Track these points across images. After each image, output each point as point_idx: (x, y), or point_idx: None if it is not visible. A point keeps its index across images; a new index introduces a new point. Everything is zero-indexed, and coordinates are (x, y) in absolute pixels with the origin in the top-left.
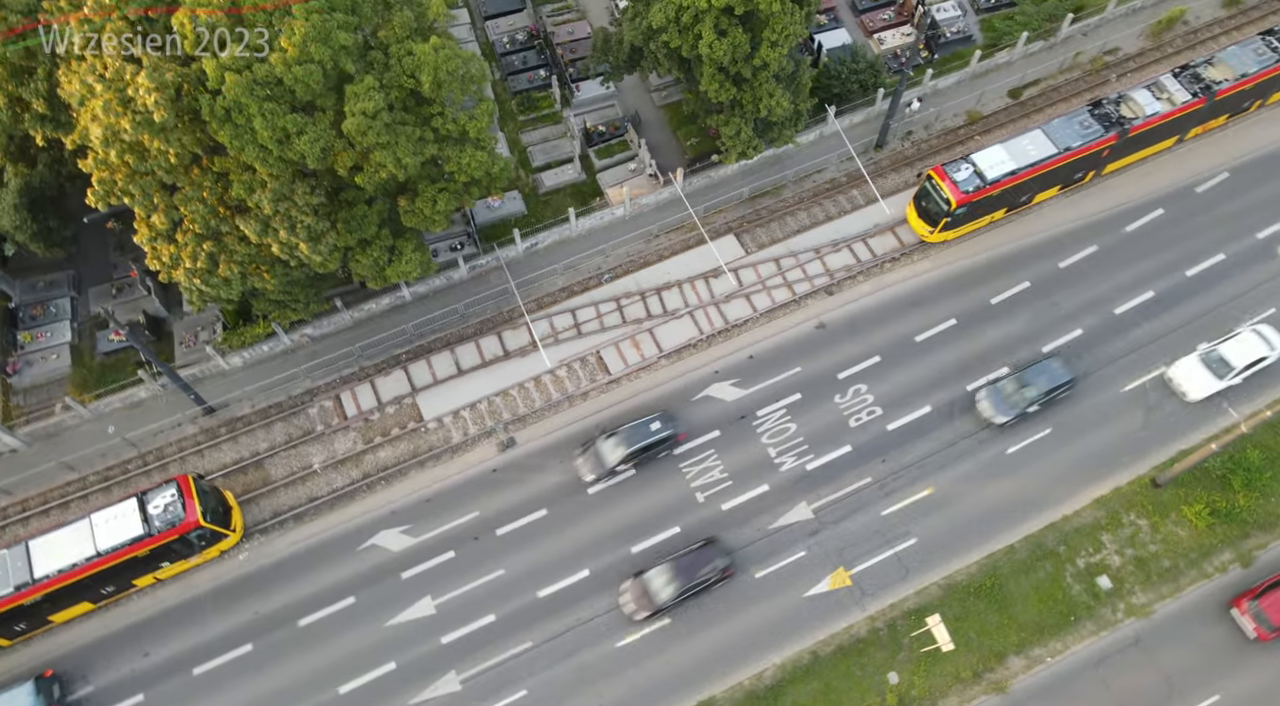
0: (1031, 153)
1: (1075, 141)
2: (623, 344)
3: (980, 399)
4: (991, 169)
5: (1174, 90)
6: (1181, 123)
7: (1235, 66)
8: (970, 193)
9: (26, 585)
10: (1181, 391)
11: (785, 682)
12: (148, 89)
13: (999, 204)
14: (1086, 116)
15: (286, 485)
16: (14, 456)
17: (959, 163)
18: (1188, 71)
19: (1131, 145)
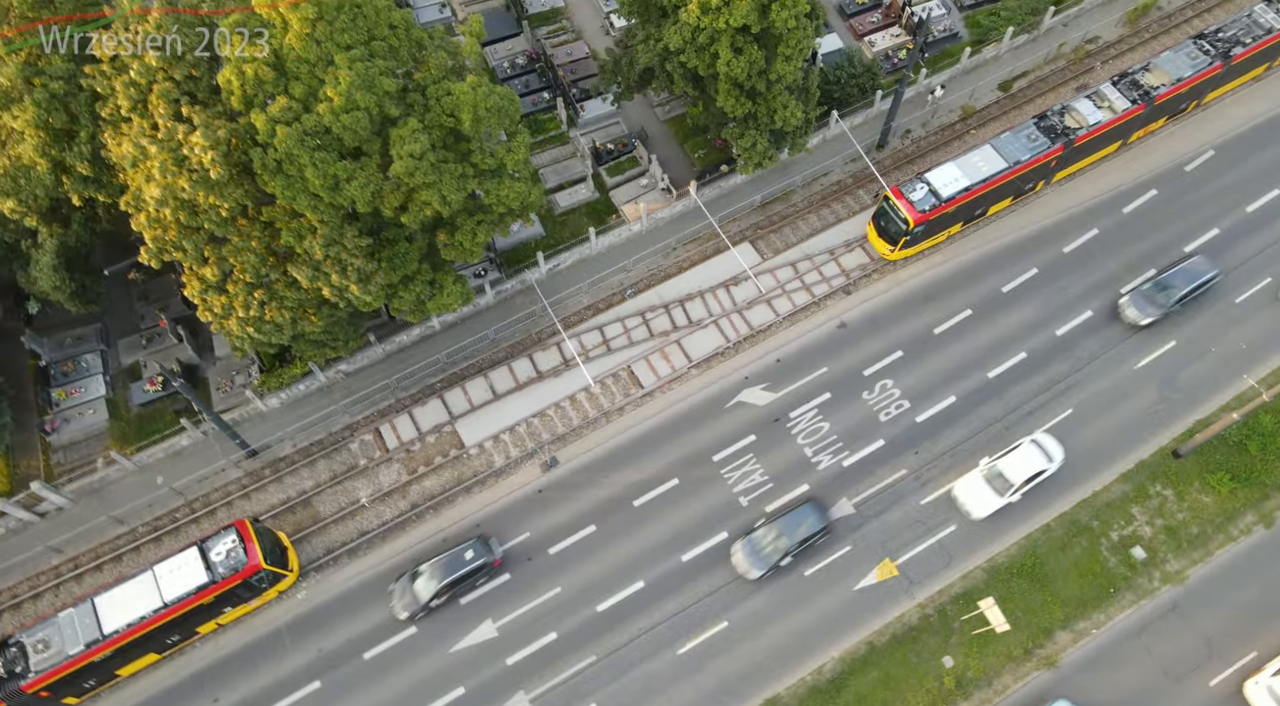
0: (983, 169)
1: (1024, 155)
2: (652, 357)
3: None
4: (945, 187)
5: (1114, 98)
6: (1123, 129)
7: (1171, 71)
8: (927, 211)
9: (97, 642)
10: (965, 510)
11: (845, 674)
12: (203, 148)
13: (955, 219)
14: (1033, 129)
15: (336, 521)
16: (61, 514)
17: (914, 182)
18: (1126, 79)
19: (1077, 154)
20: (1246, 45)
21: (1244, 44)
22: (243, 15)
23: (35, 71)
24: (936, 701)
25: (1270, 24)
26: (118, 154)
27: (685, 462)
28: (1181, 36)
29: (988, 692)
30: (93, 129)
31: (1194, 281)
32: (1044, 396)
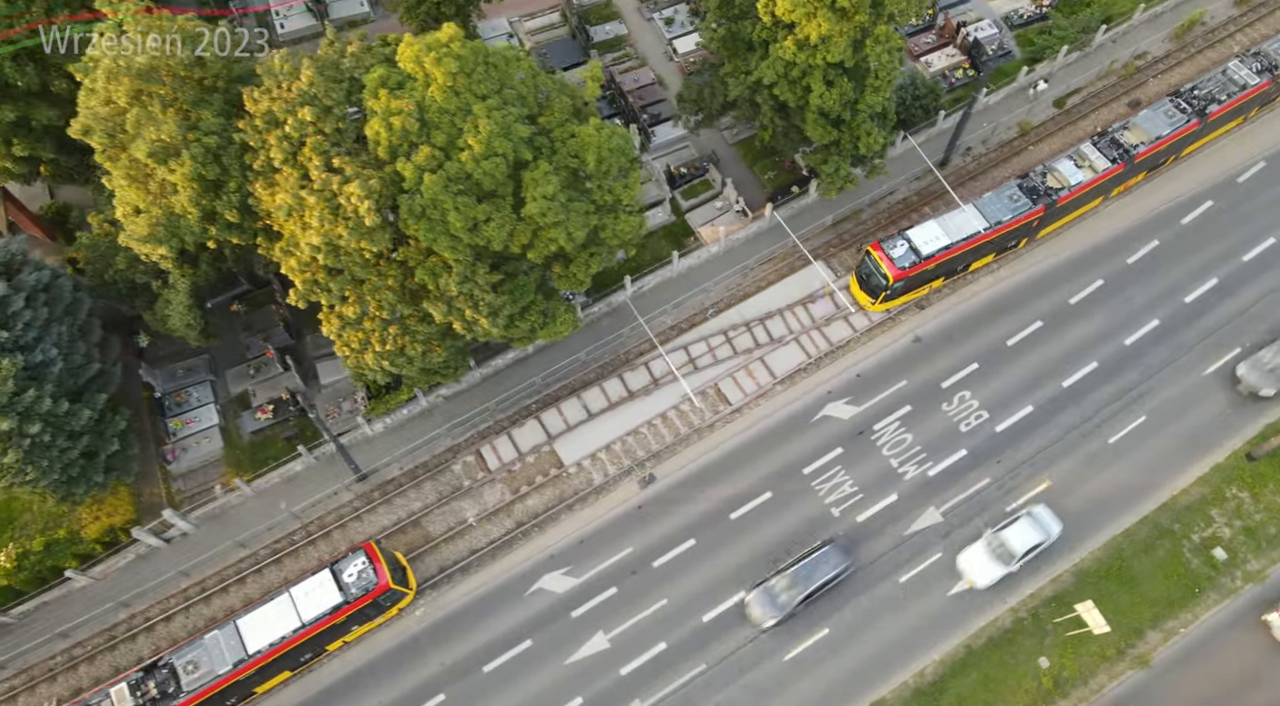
0: (964, 228)
1: (1005, 215)
2: (738, 374)
3: None
4: (926, 245)
5: (1094, 158)
6: (1104, 187)
7: (1150, 129)
8: (906, 268)
9: (243, 661)
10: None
11: (946, 677)
12: (359, 197)
13: (936, 275)
14: (1016, 190)
15: (446, 540)
16: (185, 539)
17: (896, 239)
18: (1106, 137)
19: (1059, 213)
20: (1222, 102)
21: (1219, 101)
22: (386, 70)
23: (191, 126)
24: (1036, 701)
25: (1244, 80)
26: (271, 204)
27: (777, 476)
28: (1226, 52)
29: (1084, 691)
30: (241, 180)
31: None
32: (1117, 404)
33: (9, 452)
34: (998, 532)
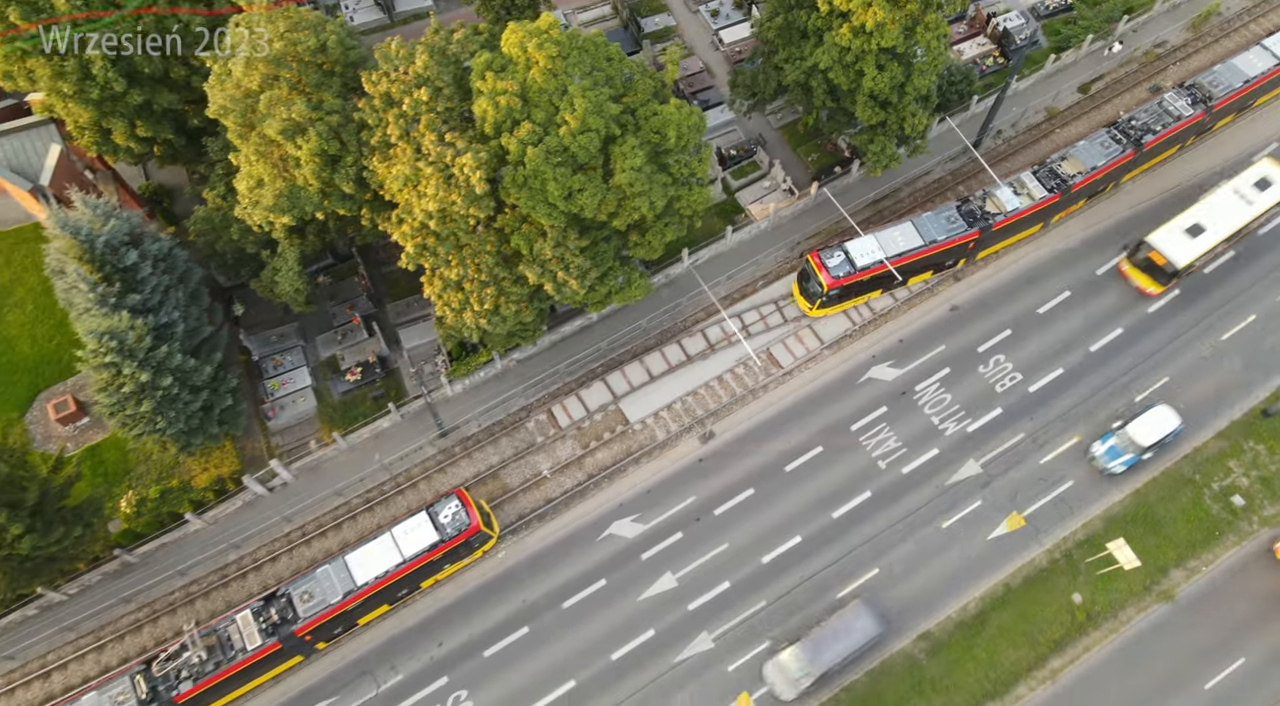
0: (900, 244)
1: (940, 235)
2: (788, 340)
3: None
4: (861, 257)
5: (1033, 186)
6: (1043, 214)
7: (1086, 160)
8: (841, 278)
9: (351, 592)
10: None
11: (987, 611)
12: (471, 167)
13: (871, 287)
14: (954, 212)
15: (523, 491)
16: (286, 489)
17: (834, 250)
18: (1045, 168)
19: (996, 237)
20: (1157, 132)
21: (1155, 131)
22: (490, 55)
23: (314, 106)
24: (1069, 631)
25: (1179, 112)
26: (387, 175)
27: (827, 432)
28: (1242, 40)
29: (1114, 623)
30: (357, 155)
31: None
32: (1142, 367)
33: (144, 403)
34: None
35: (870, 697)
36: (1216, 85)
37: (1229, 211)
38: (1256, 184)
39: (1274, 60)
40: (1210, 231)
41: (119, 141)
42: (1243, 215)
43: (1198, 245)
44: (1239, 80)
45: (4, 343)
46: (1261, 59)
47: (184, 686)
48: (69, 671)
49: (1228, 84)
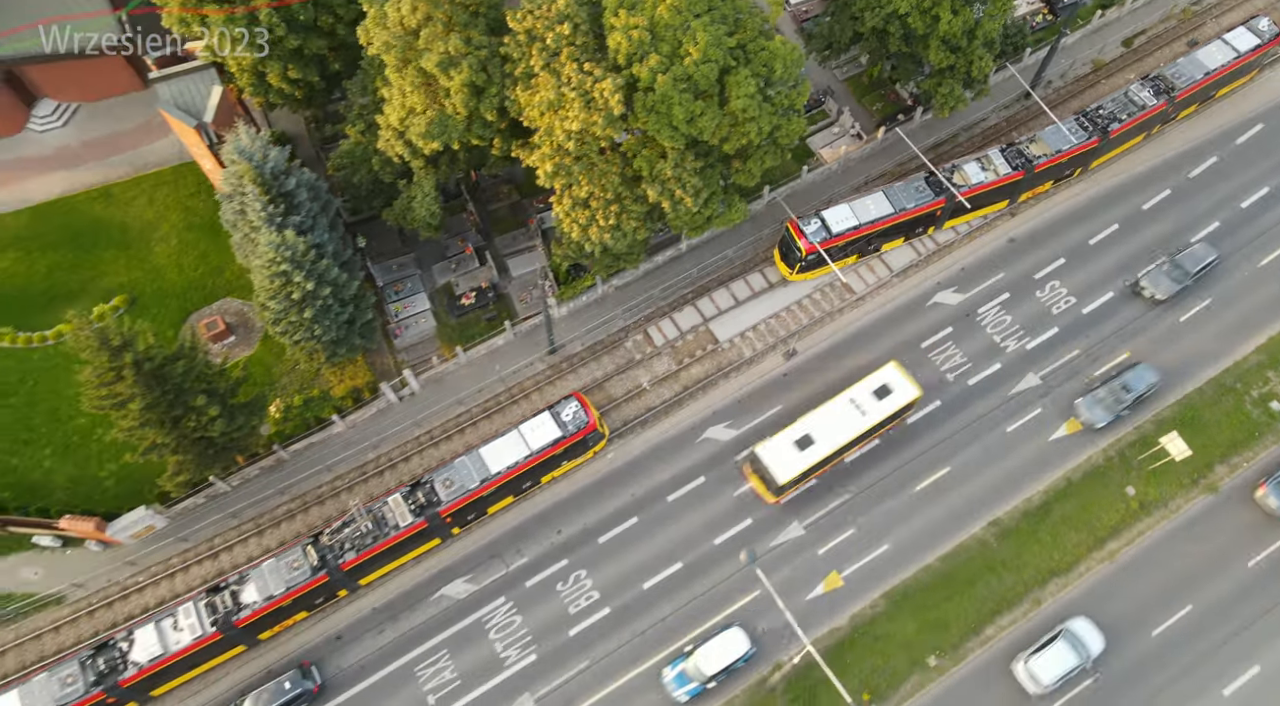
0: (872, 211)
1: (910, 203)
2: (860, 269)
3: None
4: (837, 224)
5: (999, 163)
6: (1008, 190)
7: (1052, 144)
8: (818, 243)
9: (487, 479)
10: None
11: (1050, 502)
12: (611, 92)
13: (847, 252)
14: (922, 183)
15: (626, 401)
16: (414, 398)
17: (811, 218)
18: (1013, 147)
19: (962, 208)
20: (1122, 121)
21: (1120, 120)
22: None
23: (467, 40)
24: (1124, 518)
25: (1144, 102)
26: (530, 102)
27: (899, 349)
28: None
29: (1164, 511)
30: (500, 85)
31: None
32: (1186, 292)
33: (306, 310)
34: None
35: (948, 575)
36: (1179, 77)
37: (841, 423)
38: (876, 392)
39: (1234, 53)
40: (820, 444)
41: (273, 82)
42: (855, 426)
43: (804, 459)
44: (1200, 72)
45: (154, 272)
46: (1222, 52)
47: (348, 556)
48: (234, 552)
49: (1189, 76)
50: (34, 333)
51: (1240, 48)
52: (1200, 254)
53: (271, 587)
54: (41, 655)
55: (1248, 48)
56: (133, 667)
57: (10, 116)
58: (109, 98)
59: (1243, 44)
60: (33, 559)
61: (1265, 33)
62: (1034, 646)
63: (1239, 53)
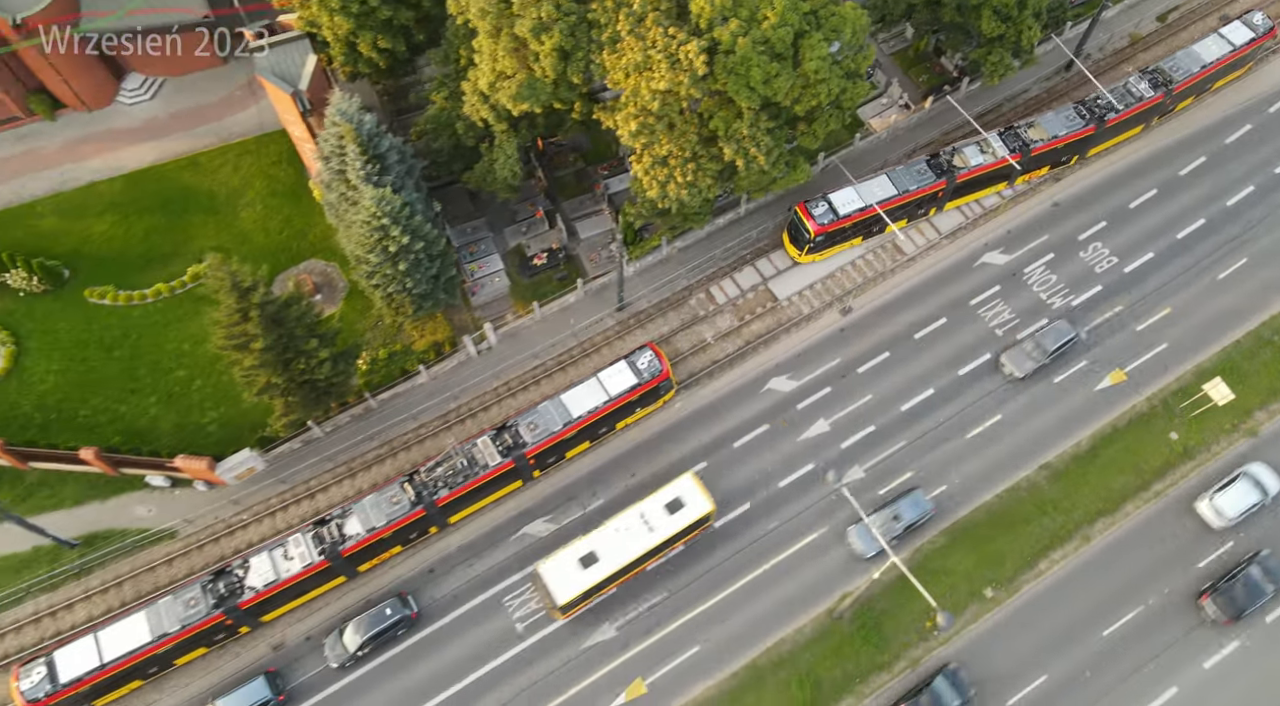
0: (877, 193)
1: (912, 185)
2: (910, 231)
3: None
4: (843, 206)
5: (997, 147)
6: (1006, 172)
7: (1049, 129)
8: (826, 225)
9: (569, 422)
10: None
11: (1097, 447)
12: (695, 53)
13: (854, 233)
14: (924, 166)
15: (691, 354)
16: (491, 352)
17: (819, 200)
18: (1011, 131)
19: (962, 189)
20: (1119, 111)
21: (1117, 110)
22: None
23: (557, 6)
24: (1168, 460)
25: (1141, 93)
26: (616, 65)
27: (949, 306)
28: None
29: (1206, 455)
30: (587, 49)
31: None
32: (1222, 250)
33: (400, 263)
34: None
35: (1003, 514)
36: (1176, 70)
37: (629, 540)
38: (668, 505)
39: (1229, 47)
40: (605, 562)
41: (364, 52)
42: (644, 543)
43: (587, 578)
44: (1196, 65)
45: (242, 235)
46: (1218, 46)
47: (442, 492)
48: (329, 493)
49: (1186, 69)
50: (134, 291)
51: (1236, 41)
52: (1061, 330)
53: (373, 520)
54: (156, 585)
55: (1242, 41)
56: (249, 592)
57: (102, 90)
58: (192, 72)
59: (1238, 38)
60: (144, 498)
61: (1259, 27)
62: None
63: (1234, 46)
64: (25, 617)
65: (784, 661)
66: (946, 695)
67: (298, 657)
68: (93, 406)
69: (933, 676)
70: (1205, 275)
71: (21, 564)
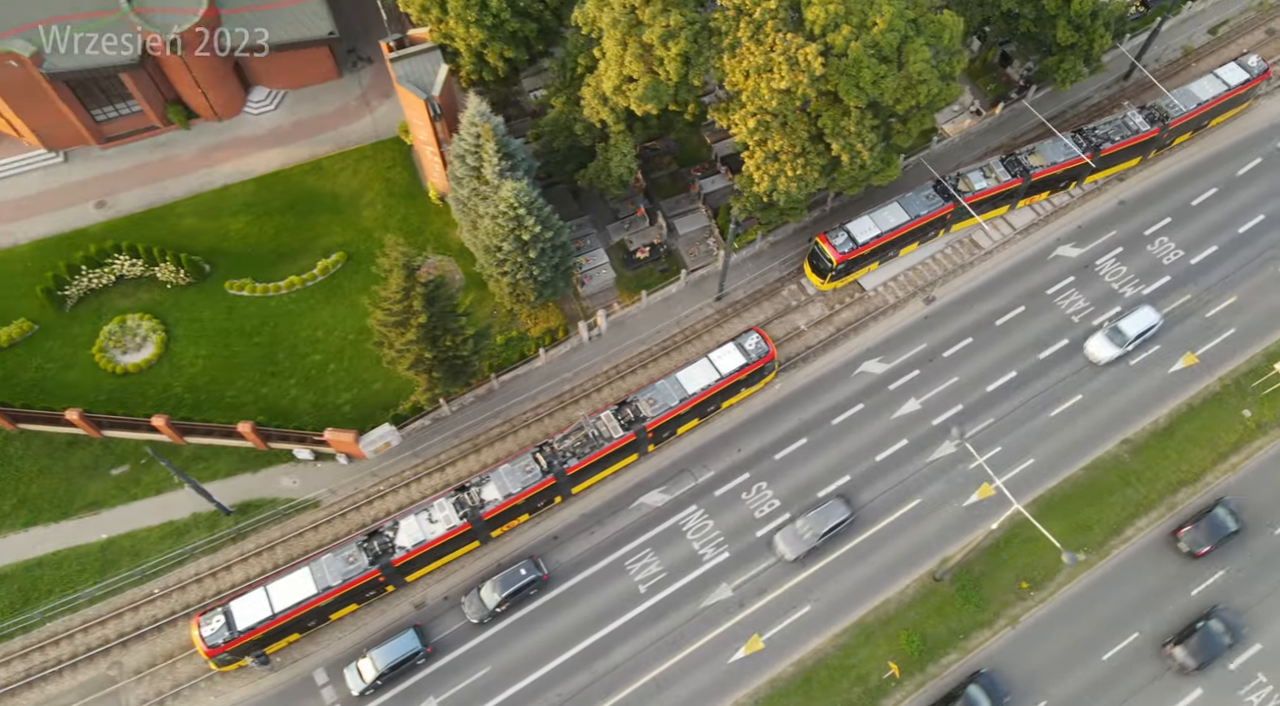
0: (890, 220)
1: (922, 210)
2: (986, 226)
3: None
4: (861, 234)
5: (1000, 172)
6: (1008, 196)
7: (1048, 157)
8: (846, 253)
9: (685, 398)
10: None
11: (1174, 424)
12: (814, 55)
13: (871, 259)
14: (931, 191)
15: (787, 341)
16: (600, 338)
17: (838, 231)
18: (1011, 157)
19: (967, 211)
20: (1115, 142)
21: (1113, 140)
22: None
23: (683, 15)
24: (1242, 436)
25: (1137, 126)
26: (737, 68)
27: (1027, 295)
28: None
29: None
30: (707, 55)
31: None
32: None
33: (531, 250)
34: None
35: (1088, 485)
36: (1172, 107)
37: None
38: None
39: (1224, 87)
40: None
41: (491, 61)
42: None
43: None
44: (1192, 103)
45: (364, 233)
46: (1213, 86)
47: (570, 462)
48: (457, 467)
49: (1181, 106)
50: (269, 283)
51: (1230, 82)
52: (832, 511)
53: (509, 486)
54: (305, 549)
55: (1237, 82)
56: (400, 551)
57: (233, 101)
58: (311, 85)
59: (1233, 78)
60: (290, 470)
61: (1254, 68)
62: None
63: (1229, 86)
64: (188, 577)
65: (891, 619)
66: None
67: (437, 615)
68: (238, 387)
69: (965, 683)
70: (1268, 266)
71: (182, 529)
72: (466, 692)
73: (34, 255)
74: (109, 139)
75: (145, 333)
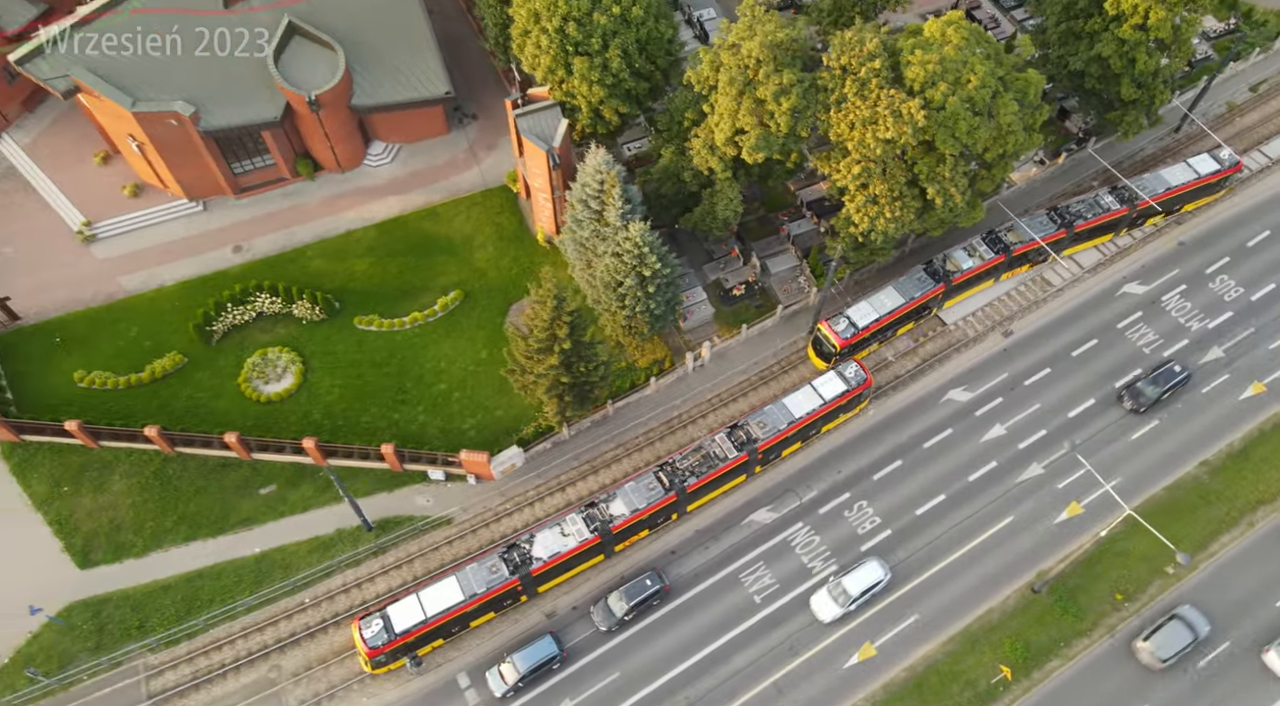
0: (887, 304)
1: (916, 292)
2: (1056, 266)
3: None
4: (861, 319)
5: (982, 250)
6: (992, 271)
7: (1025, 234)
8: (849, 338)
9: (792, 421)
10: None
11: (1249, 446)
12: (917, 108)
13: (872, 341)
14: (922, 273)
15: (876, 371)
16: (702, 369)
17: (839, 317)
18: (991, 235)
19: (956, 290)
20: (1087, 219)
21: (1085, 217)
22: (917, 39)
23: (793, 74)
24: None
25: (1108, 205)
26: (843, 121)
27: (1099, 329)
28: None
29: None
30: (814, 109)
31: None
32: None
33: (650, 285)
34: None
35: (1169, 503)
36: (1143, 189)
37: None
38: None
39: (1194, 175)
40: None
41: (606, 116)
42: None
43: None
44: (1161, 187)
45: (478, 273)
46: (1184, 173)
47: (689, 480)
48: (576, 487)
49: (1152, 189)
50: (394, 319)
51: (1200, 171)
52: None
53: (635, 503)
54: (441, 563)
55: (1207, 172)
56: (537, 561)
57: (355, 154)
58: (424, 140)
59: (1203, 168)
60: (423, 489)
61: (1225, 161)
62: None
63: (1199, 175)
64: (336, 588)
65: (994, 628)
66: None
67: (568, 624)
68: (371, 414)
69: None
70: None
71: (328, 543)
72: (600, 695)
73: (180, 295)
74: (244, 189)
75: (285, 364)
